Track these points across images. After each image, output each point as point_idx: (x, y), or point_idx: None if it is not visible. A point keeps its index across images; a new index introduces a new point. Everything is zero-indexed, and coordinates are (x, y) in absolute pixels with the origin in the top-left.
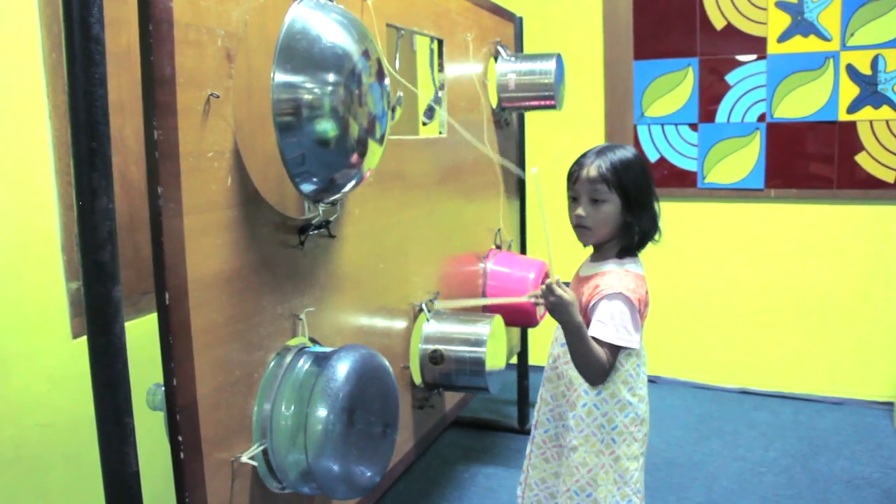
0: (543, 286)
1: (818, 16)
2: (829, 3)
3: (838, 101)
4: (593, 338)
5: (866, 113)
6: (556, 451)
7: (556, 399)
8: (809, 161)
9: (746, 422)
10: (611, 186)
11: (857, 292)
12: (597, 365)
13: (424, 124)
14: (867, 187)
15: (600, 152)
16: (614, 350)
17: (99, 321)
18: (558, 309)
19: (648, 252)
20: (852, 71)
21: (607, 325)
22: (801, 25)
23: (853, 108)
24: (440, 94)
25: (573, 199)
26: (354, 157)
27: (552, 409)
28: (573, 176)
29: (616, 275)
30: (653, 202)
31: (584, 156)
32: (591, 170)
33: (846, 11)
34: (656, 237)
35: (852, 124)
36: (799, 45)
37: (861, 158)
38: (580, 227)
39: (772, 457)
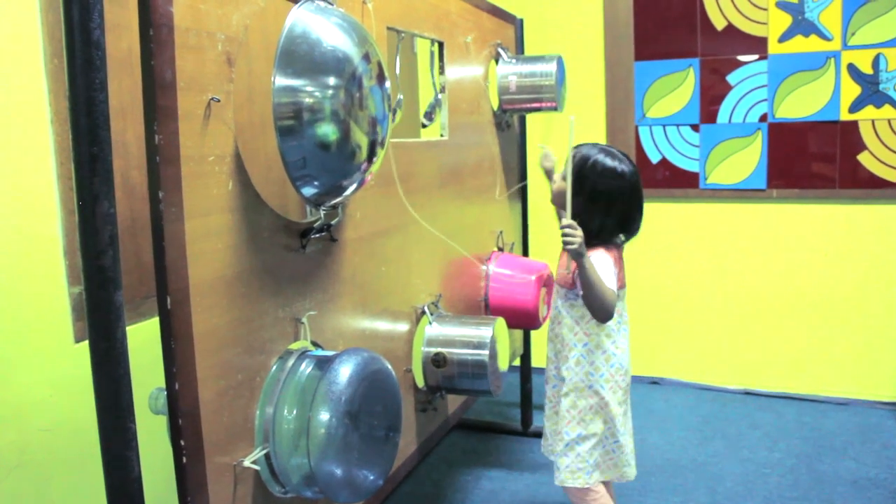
0: (566, 227)
1: (819, 15)
2: (829, 3)
3: (840, 100)
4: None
5: (868, 112)
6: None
7: (557, 356)
8: (811, 161)
9: (750, 423)
10: (572, 170)
11: (860, 292)
12: (609, 300)
13: (424, 126)
14: (870, 187)
15: (595, 145)
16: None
17: (101, 326)
18: (583, 246)
19: (649, 252)
20: (853, 70)
21: (607, 273)
22: (802, 25)
23: (855, 108)
24: (440, 96)
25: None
26: (356, 161)
27: (556, 366)
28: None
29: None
30: (606, 210)
31: (592, 143)
32: (574, 151)
33: (847, 11)
34: (601, 242)
35: (854, 124)
36: (800, 44)
37: (863, 158)
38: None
39: (776, 458)
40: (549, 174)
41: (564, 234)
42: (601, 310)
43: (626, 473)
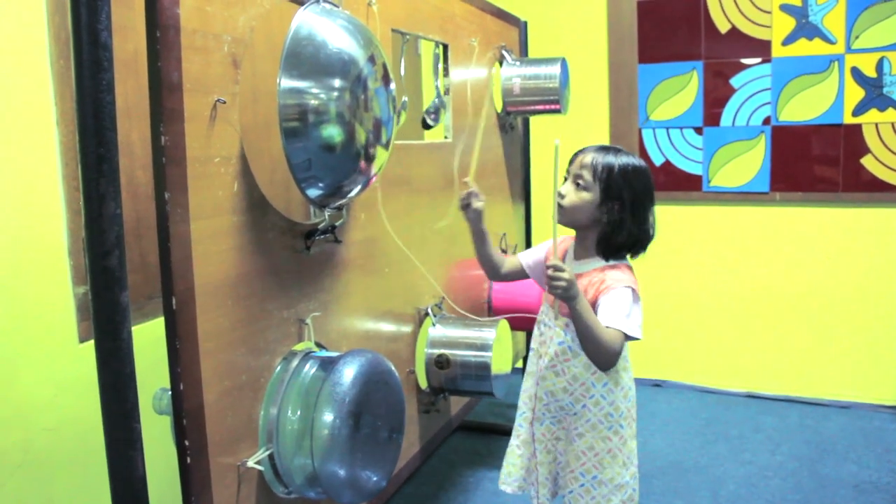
0: (550, 270)
1: (823, 19)
2: (833, 6)
3: (843, 103)
4: (608, 326)
5: (872, 116)
6: (555, 441)
7: (553, 395)
8: (815, 164)
9: (753, 426)
10: (595, 179)
11: (863, 295)
12: (610, 347)
13: (428, 127)
14: (873, 190)
15: (606, 149)
16: (624, 339)
17: (107, 326)
18: (573, 287)
19: (653, 255)
20: (857, 74)
21: (619, 315)
22: (806, 28)
23: (858, 111)
24: (443, 98)
25: (565, 179)
26: (360, 162)
27: (547, 404)
28: (573, 157)
29: (619, 270)
30: (642, 214)
31: (593, 146)
32: (587, 157)
33: (851, 14)
34: (640, 250)
35: (858, 127)
36: (804, 48)
37: (867, 161)
38: (558, 204)
39: (778, 461)
40: (476, 217)
41: (549, 277)
42: (604, 356)
43: None
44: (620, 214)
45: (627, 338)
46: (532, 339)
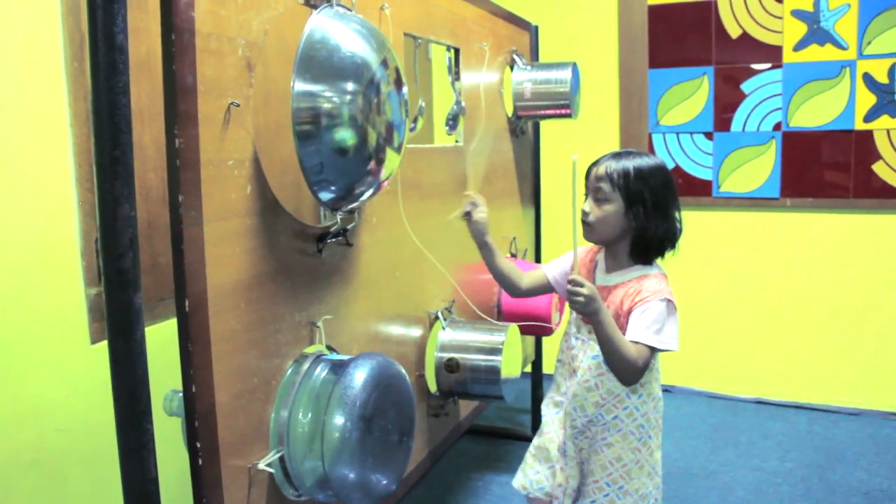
0: (570, 284)
1: (834, 24)
2: (845, 12)
3: (855, 109)
4: (635, 342)
5: (883, 122)
6: (577, 451)
7: (584, 409)
8: (825, 170)
9: (762, 432)
10: (614, 188)
11: (873, 302)
12: (632, 362)
13: (449, 133)
14: (883, 196)
15: (618, 155)
16: (653, 352)
17: (120, 327)
18: (593, 302)
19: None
20: (869, 80)
21: (648, 329)
22: (817, 34)
23: (870, 117)
24: (462, 104)
25: (585, 195)
26: (372, 166)
27: (574, 420)
28: (587, 172)
29: (656, 279)
30: (667, 211)
31: (606, 155)
32: (601, 168)
33: (863, 20)
34: (671, 248)
35: (869, 133)
36: (815, 53)
37: (878, 167)
38: (583, 223)
39: (788, 467)
40: (479, 229)
41: (569, 291)
42: (626, 371)
43: None
44: (646, 216)
45: (657, 350)
46: (560, 351)
